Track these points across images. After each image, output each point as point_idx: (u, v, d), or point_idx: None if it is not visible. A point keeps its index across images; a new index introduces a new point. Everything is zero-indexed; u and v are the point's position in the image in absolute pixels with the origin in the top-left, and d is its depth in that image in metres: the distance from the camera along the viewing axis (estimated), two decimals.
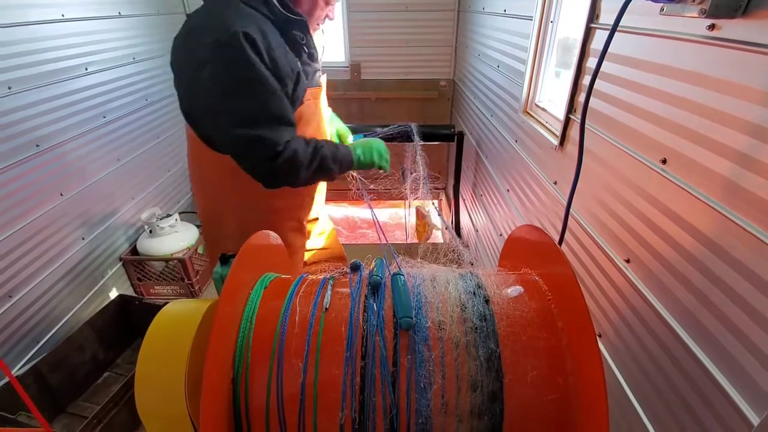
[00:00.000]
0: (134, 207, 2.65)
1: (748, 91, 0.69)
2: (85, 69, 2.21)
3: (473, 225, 2.90)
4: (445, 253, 1.35)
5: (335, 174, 1.30)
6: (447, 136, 2.78)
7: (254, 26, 1.04)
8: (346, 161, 1.32)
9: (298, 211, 1.48)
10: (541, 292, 0.76)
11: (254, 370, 0.68)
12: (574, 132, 1.33)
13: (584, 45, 1.21)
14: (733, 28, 0.70)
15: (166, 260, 2.51)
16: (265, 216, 1.39)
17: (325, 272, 0.86)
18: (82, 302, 2.20)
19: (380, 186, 1.63)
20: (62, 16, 2.05)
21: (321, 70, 1.37)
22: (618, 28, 0.77)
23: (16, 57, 1.80)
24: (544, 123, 1.63)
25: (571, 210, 1.10)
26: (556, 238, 1.07)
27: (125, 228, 2.57)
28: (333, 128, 1.62)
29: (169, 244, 2.53)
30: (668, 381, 0.87)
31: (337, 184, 1.51)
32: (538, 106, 1.72)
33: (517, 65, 1.90)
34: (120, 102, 2.48)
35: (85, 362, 1.98)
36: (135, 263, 2.52)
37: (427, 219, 1.62)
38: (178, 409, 0.70)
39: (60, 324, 2.06)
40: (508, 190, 2.03)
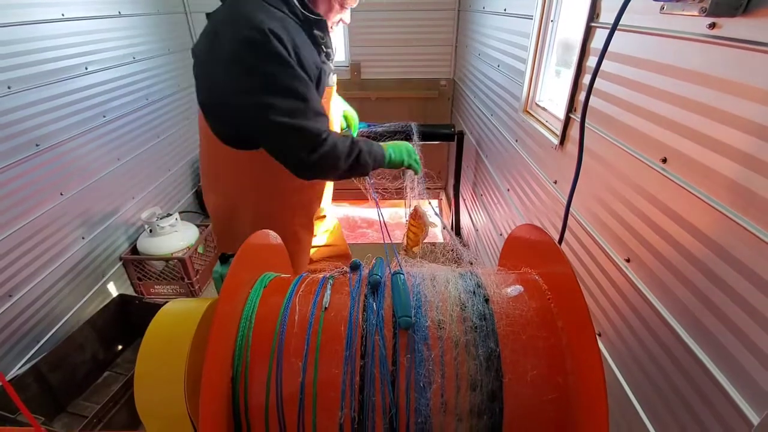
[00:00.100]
0: (134, 206, 2.65)
1: (749, 90, 0.68)
2: (85, 68, 2.21)
3: (473, 225, 2.90)
4: (443, 252, 1.35)
5: (369, 168, 1.31)
6: (447, 136, 2.78)
7: (279, 24, 1.07)
8: (379, 157, 1.33)
9: (309, 208, 1.49)
10: (541, 292, 0.76)
11: (253, 369, 0.68)
12: (574, 131, 1.33)
13: (584, 44, 1.21)
14: (733, 26, 0.70)
15: (167, 260, 2.51)
16: (279, 212, 1.40)
17: (331, 270, 0.86)
18: (82, 302, 2.20)
19: (394, 184, 1.63)
20: (62, 15, 2.05)
21: (333, 70, 1.39)
22: (618, 27, 0.77)
23: (16, 56, 1.80)
24: (544, 122, 1.62)
25: (571, 209, 1.10)
26: (557, 237, 1.07)
27: (125, 227, 2.57)
28: (340, 110, 1.62)
29: (169, 243, 2.53)
30: (668, 380, 0.87)
31: (345, 183, 1.51)
32: (539, 106, 1.72)
33: (518, 64, 1.89)
34: (120, 101, 2.48)
35: (85, 362, 1.98)
36: (135, 263, 2.52)
37: (424, 218, 1.61)
38: (178, 408, 0.70)
39: (60, 323, 2.06)
40: (509, 190, 2.02)
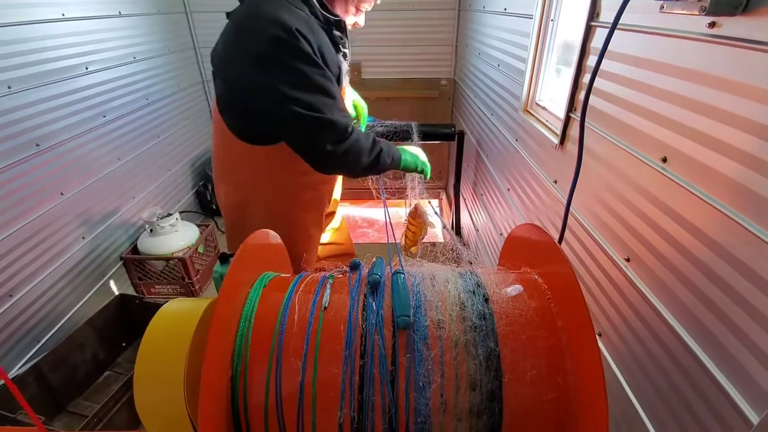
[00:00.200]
0: (135, 206, 2.65)
1: (749, 89, 0.68)
2: (86, 68, 2.21)
3: (474, 224, 2.90)
4: (443, 251, 1.35)
5: (386, 167, 1.34)
6: (447, 135, 2.77)
7: (304, 23, 1.09)
8: (396, 158, 1.37)
9: (320, 205, 1.51)
10: (541, 291, 0.76)
11: (253, 368, 0.68)
12: (574, 131, 1.33)
13: (584, 43, 1.21)
14: (733, 25, 0.70)
15: (167, 259, 2.51)
16: (291, 208, 1.42)
17: (338, 267, 0.86)
18: (82, 301, 2.20)
19: (395, 183, 1.64)
20: (62, 15, 2.05)
21: (348, 70, 1.42)
22: (618, 26, 0.76)
23: (16, 56, 1.80)
24: (544, 122, 1.62)
25: (571, 209, 1.10)
26: (557, 237, 1.07)
27: (126, 227, 2.57)
28: (350, 100, 1.63)
29: (169, 243, 2.53)
30: (668, 380, 0.87)
31: (346, 182, 1.51)
32: (539, 105, 1.72)
33: (518, 64, 1.89)
34: (120, 101, 2.48)
35: (85, 361, 1.98)
36: (135, 262, 2.52)
37: (424, 217, 1.61)
38: (177, 408, 0.70)
39: (60, 323, 2.06)
40: (509, 189, 2.02)
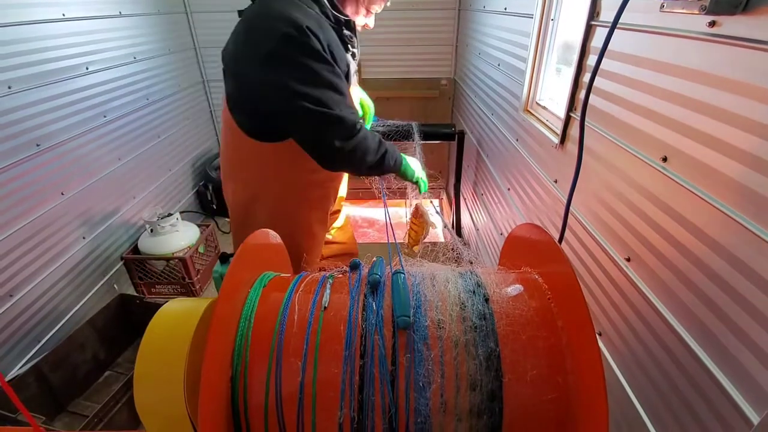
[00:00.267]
0: (135, 206, 2.65)
1: (749, 88, 0.68)
2: (86, 68, 2.21)
3: (474, 224, 2.90)
4: (444, 251, 1.35)
5: (390, 169, 1.35)
6: (448, 135, 2.77)
7: (314, 22, 1.10)
8: (398, 163, 1.38)
9: (326, 203, 1.51)
10: (541, 291, 0.75)
11: (253, 368, 0.68)
12: (574, 130, 1.33)
13: (585, 42, 1.21)
14: (733, 24, 0.70)
15: (167, 259, 2.51)
16: (297, 205, 1.43)
17: (338, 267, 0.86)
18: (83, 301, 2.21)
19: (396, 183, 1.64)
20: (63, 15, 2.05)
21: (356, 70, 1.43)
22: (618, 25, 0.76)
23: (17, 56, 1.80)
24: (544, 121, 1.62)
25: (571, 208, 1.09)
26: (557, 236, 1.07)
27: (126, 227, 2.57)
28: (357, 99, 1.64)
29: (170, 243, 2.53)
30: (668, 380, 0.87)
31: (358, 182, 1.51)
32: (539, 105, 1.71)
33: (518, 63, 1.89)
34: (121, 101, 2.49)
35: (86, 361, 1.98)
36: (136, 262, 2.52)
37: (425, 217, 1.61)
38: (177, 408, 0.70)
39: (61, 323, 2.06)
40: (509, 189, 2.02)
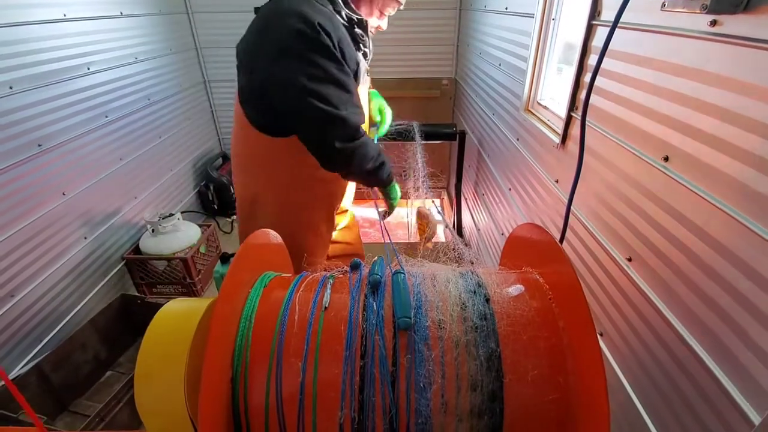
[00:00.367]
0: (137, 206, 2.65)
1: (750, 88, 0.68)
2: (87, 69, 2.21)
3: (475, 224, 2.90)
4: (445, 251, 1.36)
5: (382, 181, 1.38)
6: (449, 135, 2.77)
7: (326, 19, 1.12)
8: (390, 179, 1.41)
9: (333, 201, 1.52)
10: (542, 291, 0.75)
11: (253, 369, 0.68)
12: (575, 130, 1.32)
13: (586, 42, 1.20)
14: (734, 23, 0.70)
15: (169, 259, 2.51)
16: (305, 201, 1.44)
17: (338, 267, 0.86)
18: (84, 301, 2.21)
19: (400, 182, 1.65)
20: (64, 15, 2.05)
21: (368, 69, 1.43)
22: (619, 25, 0.76)
23: (18, 57, 1.81)
24: (545, 121, 1.62)
25: (572, 208, 1.09)
26: (558, 236, 1.06)
27: (127, 227, 2.57)
28: (376, 105, 1.66)
29: (171, 243, 2.53)
30: (670, 380, 0.87)
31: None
32: (540, 104, 1.71)
33: (519, 63, 1.89)
34: (122, 101, 2.49)
35: (87, 361, 1.98)
36: (137, 262, 2.52)
37: (429, 218, 1.62)
38: (178, 408, 0.70)
39: (62, 323, 2.06)
40: (510, 189, 2.02)
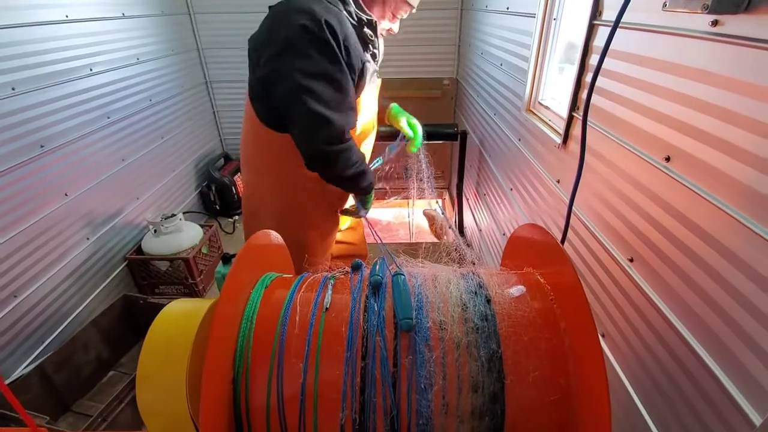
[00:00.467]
0: (139, 207, 2.66)
1: (752, 88, 0.68)
2: (90, 70, 2.22)
3: (476, 224, 2.89)
4: (447, 252, 1.36)
5: (359, 190, 1.41)
6: (450, 135, 2.77)
7: (334, 17, 1.13)
8: (368, 189, 1.44)
9: (336, 198, 1.53)
10: (544, 292, 0.75)
11: (254, 370, 0.68)
12: (577, 130, 1.32)
13: (587, 42, 1.20)
14: (736, 23, 0.69)
15: (171, 260, 2.51)
16: (308, 198, 1.45)
17: (339, 268, 0.87)
18: (86, 302, 2.21)
19: (388, 185, 1.66)
20: (66, 17, 2.06)
21: (377, 71, 1.44)
22: (620, 25, 0.76)
23: (21, 58, 1.81)
24: (547, 121, 1.62)
25: (574, 209, 1.09)
26: (559, 237, 1.06)
27: (130, 228, 2.58)
28: (404, 121, 1.73)
29: (173, 243, 2.54)
30: (671, 381, 0.87)
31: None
32: (542, 104, 1.71)
33: (521, 63, 1.89)
34: (124, 102, 2.49)
35: (89, 361, 1.99)
36: (140, 263, 2.53)
37: (435, 218, 1.62)
38: (179, 409, 0.70)
39: (65, 323, 2.07)
40: (512, 189, 2.02)
